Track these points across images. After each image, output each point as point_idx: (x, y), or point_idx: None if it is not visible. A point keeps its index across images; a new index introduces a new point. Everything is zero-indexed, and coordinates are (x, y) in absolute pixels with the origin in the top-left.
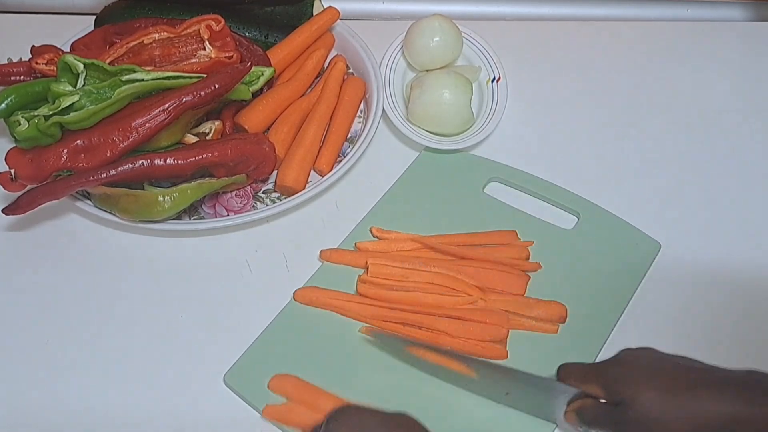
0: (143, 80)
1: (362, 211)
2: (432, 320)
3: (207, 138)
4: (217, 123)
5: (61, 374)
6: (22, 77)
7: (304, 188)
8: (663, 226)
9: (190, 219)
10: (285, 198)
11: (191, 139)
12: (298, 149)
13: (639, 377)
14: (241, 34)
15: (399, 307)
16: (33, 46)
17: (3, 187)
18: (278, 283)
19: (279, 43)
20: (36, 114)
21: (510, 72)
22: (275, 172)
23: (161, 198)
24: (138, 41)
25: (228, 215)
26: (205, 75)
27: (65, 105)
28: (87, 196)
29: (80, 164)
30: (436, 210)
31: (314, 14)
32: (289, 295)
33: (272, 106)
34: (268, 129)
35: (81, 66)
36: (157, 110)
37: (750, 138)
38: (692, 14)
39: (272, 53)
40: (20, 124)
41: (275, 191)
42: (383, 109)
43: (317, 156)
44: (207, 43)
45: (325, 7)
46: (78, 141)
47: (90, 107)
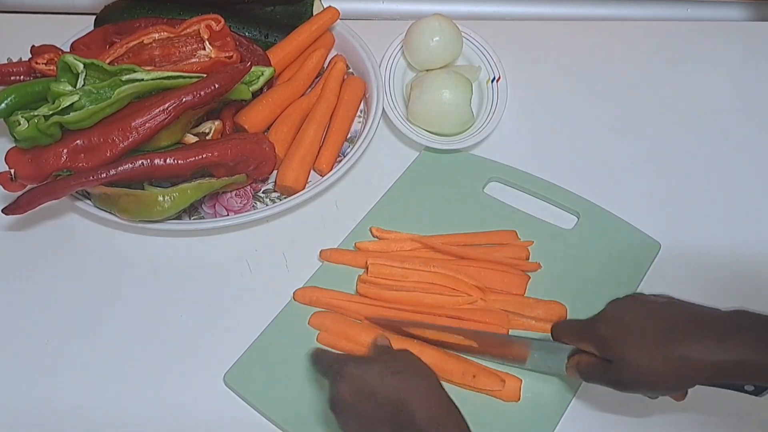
0: (143, 80)
1: (362, 211)
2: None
3: (207, 138)
4: (217, 123)
5: (61, 374)
6: (22, 77)
7: (304, 188)
8: (663, 226)
9: (190, 219)
10: (285, 198)
11: (191, 139)
12: (298, 149)
13: (625, 334)
14: (241, 34)
15: (399, 307)
16: (33, 46)
17: (3, 187)
18: (278, 283)
19: (279, 43)
20: (36, 114)
21: (510, 72)
22: (275, 172)
23: (161, 198)
24: (138, 41)
25: (228, 215)
26: (205, 75)
27: (65, 105)
28: (87, 196)
29: (80, 164)
30: (436, 210)
31: (314, 14)
32: (289, 295)
33: (272, 106)
34: (268, 129)
35: (81, 66)
36: (157, 110)
37: (750, 138)
38: (692, 14)
39: (272, 53)
40: (20, 124)
41: (275, 191)
42: (383, 109)
43: (317, 156)
44: (207, 43)
45: (325, 7)
46: (78, 141)
47: (90, 107)
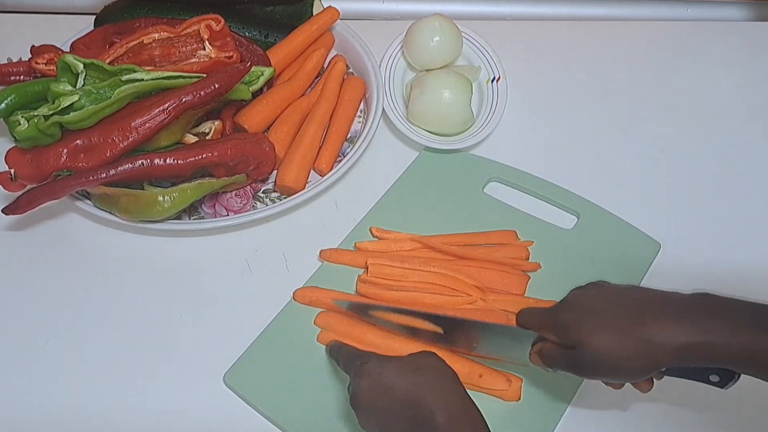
0: (143, 80)
1: (362, 211)
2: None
3: (207, 138)
4: (217, 123)
5: (61, 374)
6: (22, 77)
7: (304, 188)
8: (663, 226)
9: (190, 219)
10: (285, 198)
11: (191, 139)
12: (298, 149)
13: (587, 321)
14: (241, 34)
15: (399, 307)
16: (33, 46)
17: (3, 187)
18: (278, 283)
19: (279, 43)
20: (36, 114)
21: (510, 72)
22: (275, 172)
23: (161, 198)
24: (138, 41)
25: (228, 215)
26: (205, 75)
27: (65, 105)
28: (87, 196)
29: (80, 164)
30: (436, 210)
31: (314, 14)
32: (289, 295)
33: (272, 106)
34: (268, 129)
35: (81, 66)
36: (157, 110)
37: (750, 138)
38: (692, 14)
39: (272, 53)
40: (20, 124)
41: (275, 191)
42: (383, 109)
43: (317, 156)
44: (207, 43)
45: (325, 7)
46: (78, 141)
47: (90, 107)
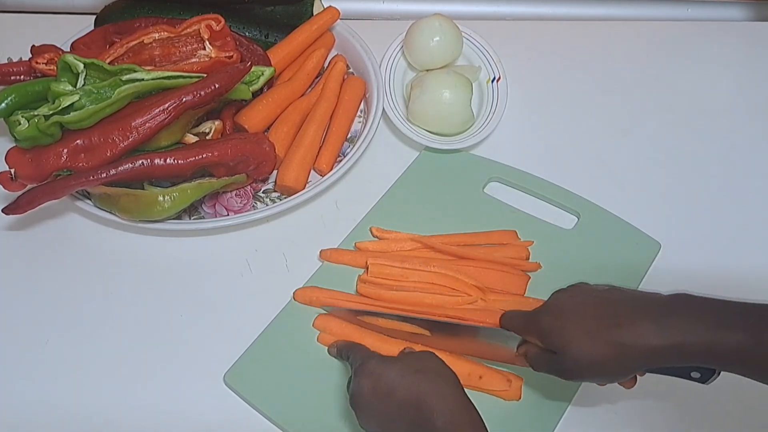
0: (143, 80)
1: (362, 211)
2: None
3: (207, 138)
4: (217, 123)
5: (61, 374)
6: (22, 77)
7: (304, 188)
8: (663, 226)
9: (190, 219)
10: (285, 198)
11: (191, 139)
12: (298, 149)
13: (565, 324)
14: (241, 34)
15: (399, 307)
16: (33, 46)
17: (3, 187)
18: (278, 283)
19: (279, 43)
20: (36, 113)
21: (510, 72)
22: (275, 172)
23: (161, 198)
24: (138, 41)
25: (228, 215)
26: (205, 75)
27: (65, 105)
28: (87, 196)
29: (80, 164)
30: (436, 210)
31: (314, 14)
32: (289, 295)
33: (272, 106)
34: (268, 129)
35: (81, 66)
36: (157, 110)
37: (750, 138)
38: (692, 14)
39: (272, 53)
40: (20, 124)
41: (275, 191)
42: (383, 109)
43: (317, 156)
44: (207, 43)
45: (325, 7)
46: (78, 141)
47: (90, 107)
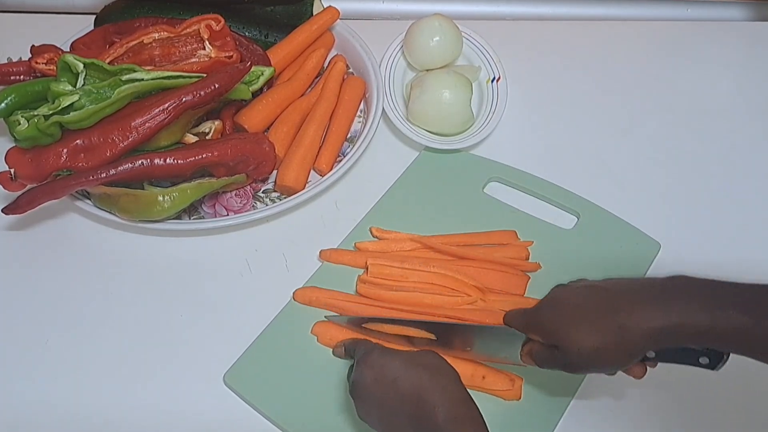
0: (143, 80)
1: (362, 211)
2: (431, 320)
3: (207, 138)
4: (217, 123)
5: (61, 374)
6: (22, 77)
7: (304, 188)
8: (663, 226)
9: (190, 219)
10: (285, 198)
11: (191, 139)
12: (298, 149)
13: (565, 319)
14: (241, 34)
15: (398, 308)
16: (33, 46)
17: (3, 187)
18: (278, 283)
19: (279, 43)
20: (36, 113)
21: (510, 72)
22: (275, 172)
23: (161, 198)
24: (138, 41)
25: (228, 215)
26: (205, 75)
27: (65, 104)
28: (87, 196)
29: (80, 164)
30: (436, 210)
31: (314, 14)
32: (289, 295)
33: (272, 106)
34: (268, 129)
35: (81, 65)
36: (157, 110)
37: (750, 138)
38: (692, 14)
39: (272, 53)
40: (20, 124)
41: (275, 191)
42: (383, 109)
43: (317, 156)
44: (207, 43)
45: (325, 7)
46: (78, 141)
47: (90, 107)
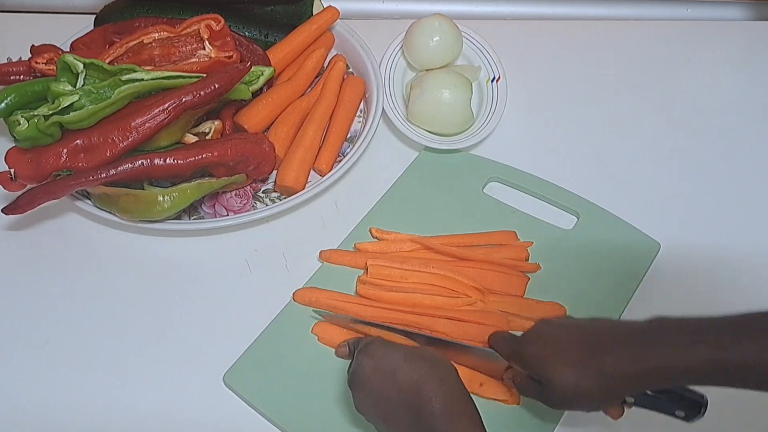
0: (143, 80)
1: (362, 212)
2: (431, 321)
3: (207, 138)
4: (217, 123)
5: (61, 374)
6: (22, 77)
7: (304, 188)
8: (663, 226)
9: (190, 219)
10: (285, 198)
11: (191, 139)
12: (298, 149)
13: (549, 357)
14: (241, 34)
15: (398, 308)
16: (33, 46)
17: (3, 187)
18: (278, 284)
19: (279, 43)
20: (36, 113)
21: (510, 72)
22: (275, 172)
23: (161, 198)
24: (138, 41)
25: (228, 215)
26: (205, 75)
27: (65, 105)
28: (87, 196)
29: (80, 164)
30: (436, 210)
31: (314, 13)
32: (289, 296)
33: (272, 106)
34: (268, 129)
35: (81, 65)
36: (157, 110)
37: (750, 137)
38: (692, 14)
39: (272, 53)
40: (20, 124)
41: (275, 191)
42: (383, 109)
43: (317, 156)
44: (207, 43)
45: (325, 7)
46: (78, 141)
47: (90, 107)
